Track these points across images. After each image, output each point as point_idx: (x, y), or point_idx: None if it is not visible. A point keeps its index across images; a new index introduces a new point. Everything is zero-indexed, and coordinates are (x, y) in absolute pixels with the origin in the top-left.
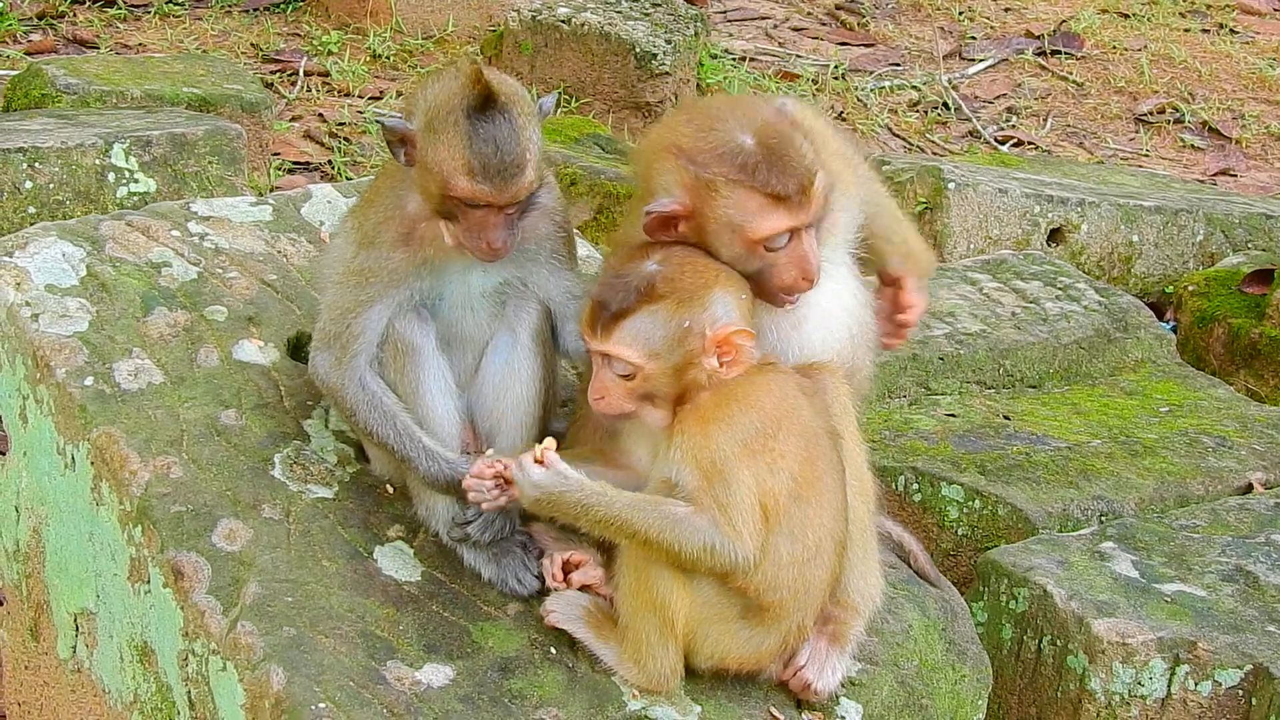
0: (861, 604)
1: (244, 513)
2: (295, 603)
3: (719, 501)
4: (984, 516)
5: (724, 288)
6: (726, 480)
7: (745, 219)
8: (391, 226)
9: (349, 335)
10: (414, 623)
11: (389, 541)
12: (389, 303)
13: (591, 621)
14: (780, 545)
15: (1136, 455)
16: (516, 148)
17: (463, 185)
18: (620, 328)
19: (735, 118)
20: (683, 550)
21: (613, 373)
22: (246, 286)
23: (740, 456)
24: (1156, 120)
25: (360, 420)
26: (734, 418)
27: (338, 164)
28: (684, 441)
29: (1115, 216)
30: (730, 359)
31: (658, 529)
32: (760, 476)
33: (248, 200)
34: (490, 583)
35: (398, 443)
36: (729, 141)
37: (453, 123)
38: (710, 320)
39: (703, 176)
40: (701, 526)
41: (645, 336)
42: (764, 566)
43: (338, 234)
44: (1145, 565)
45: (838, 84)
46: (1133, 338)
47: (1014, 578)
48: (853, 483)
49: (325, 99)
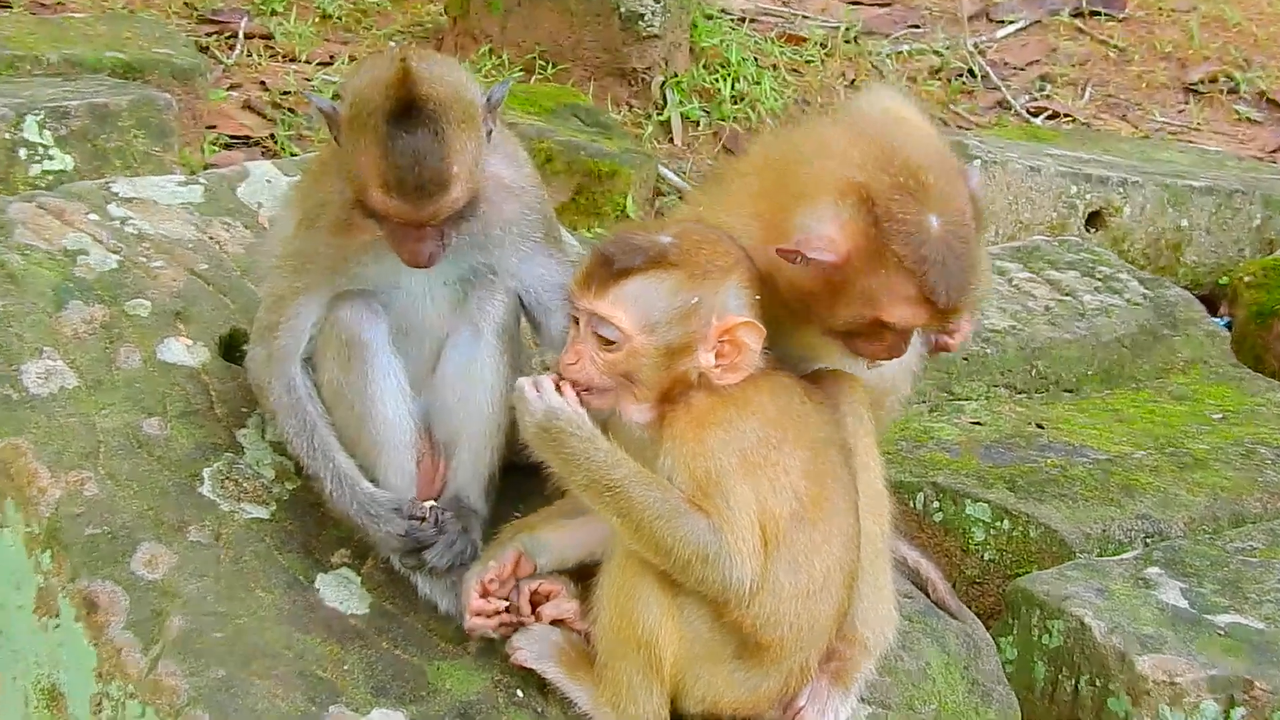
0: (871, 639)
1: (168, 535)
2: (225, 639)
3: (719, 512)
4: (1014, 539)
5: (740, 277)
6: (725, 494)
7: (889, 303)
8: (331, 210)
9: (280, 326)
10: (361, 662)
11: (333, 568)
12: (326, 291)
13: (564, 660)
14: (781, 575)
15: (1186, 468)
16: (439, 163)
17: (376, 198)
18: (620, 286)
19: (934, 184)
20: (676, 548)
21: (595, 338)
22: (174, 278)
23: (738, 469)
24: (1208, 90)
25: (279, 424)
26: (732, 423)
27: (281, 138)
28: (676, 447)
29: (1162, 198)
30: (730, 360)
31: (655, 512)
32: (761, 494)
33: (176, 180)
34: (449, 615)
35: (310, 458)
36: (920, 221)
37: (371, 127)
38: (720, 306)
39: (879, 246)
40: (702, 528)
41: (645, 303)
42: (762, 598)
43: (279, 213)
44: (1196, 594)
45: (849, 48)
46: (1182, 335)
47: (1047, 608)
48: (865, 501)
49: (268, 64)
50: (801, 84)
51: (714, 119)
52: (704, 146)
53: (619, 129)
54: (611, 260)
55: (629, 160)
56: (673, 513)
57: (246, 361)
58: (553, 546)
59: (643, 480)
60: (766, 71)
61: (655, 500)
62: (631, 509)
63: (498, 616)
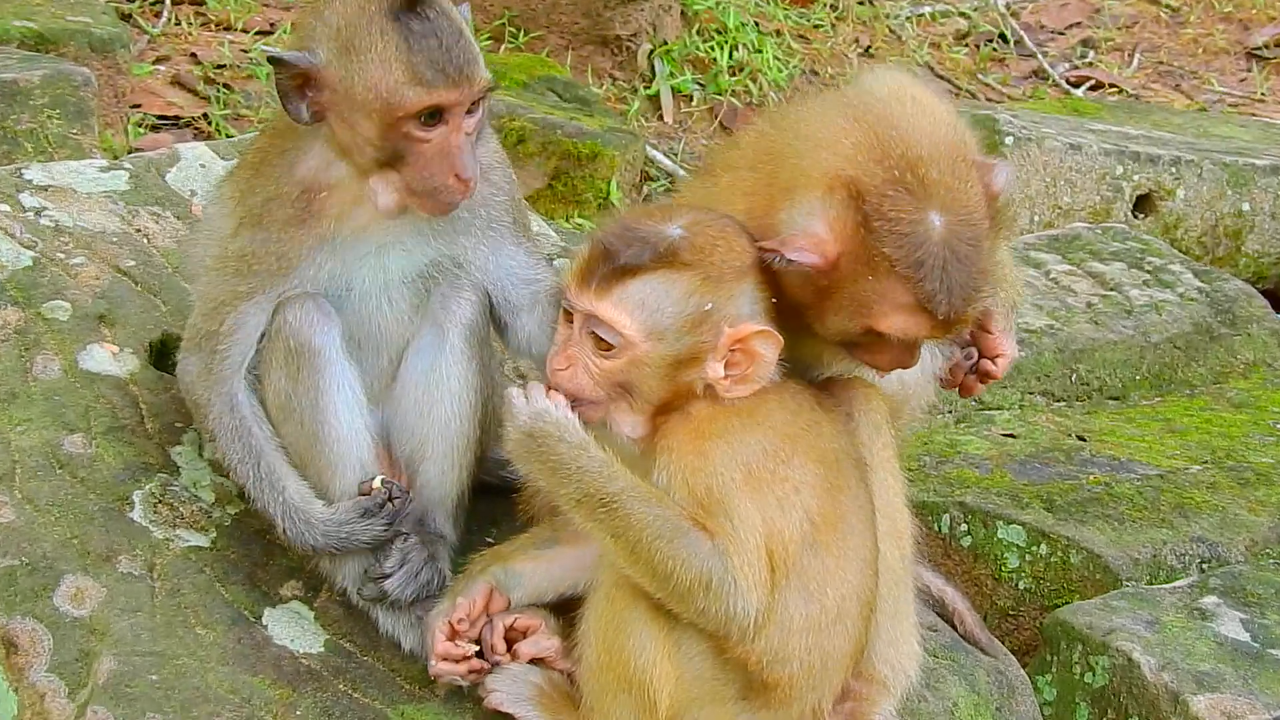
0: (891, 677)
1: (95, 567)
2: (162, 682)
3: (724, 533)
4: (1052, 565)
5: (756, 279)
6: (729, 513)
7: (882, 312)
8: (284, 201)
9: (221, 336)
10: (315, 706)
11: (283, 602)
12: (273, 296)
13: (544, 702)
14: (791, 605)
15: (1247, 484)
16: (462, 37)
17: (415, 96)
18: (625, 286)
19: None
20: (676, 573)
21: (591, 342)
22: (96, 276)
23: (743, 485)
24: (1273, 55)
25: (220, 448)
26: (735, 435)
27: (215, 118)
28: (673, 461)
29: (1220, 179)
30: (741, 371)
31: (655, 532)
32: (768, 514)
33: (97, 165)
34: (413, 654)
35: (256, 488)
36: (917, 220)
37: (378, 32)
38: (734, 313)
39: (869, 247)
40: (705, 549)
41: (653, 307)
42: (769, 631)
43: (213, 206)
44: (1258, 625)
45: (863, 10)
46: (1242, 334)
47: (1091, 643)
48: (884, 522)
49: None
50: (809, 52)
51: (709, 93)
52: (698, 124)
53: (601, 105)
54: (615, 254)
55: (612, 140)
56: (674, 532)
57: (179, 372)
58: (529, 579)
59: (641, 495)
60: (769, 38)
61: (655, 518)
62: (628, 527)
63: (467, 661)
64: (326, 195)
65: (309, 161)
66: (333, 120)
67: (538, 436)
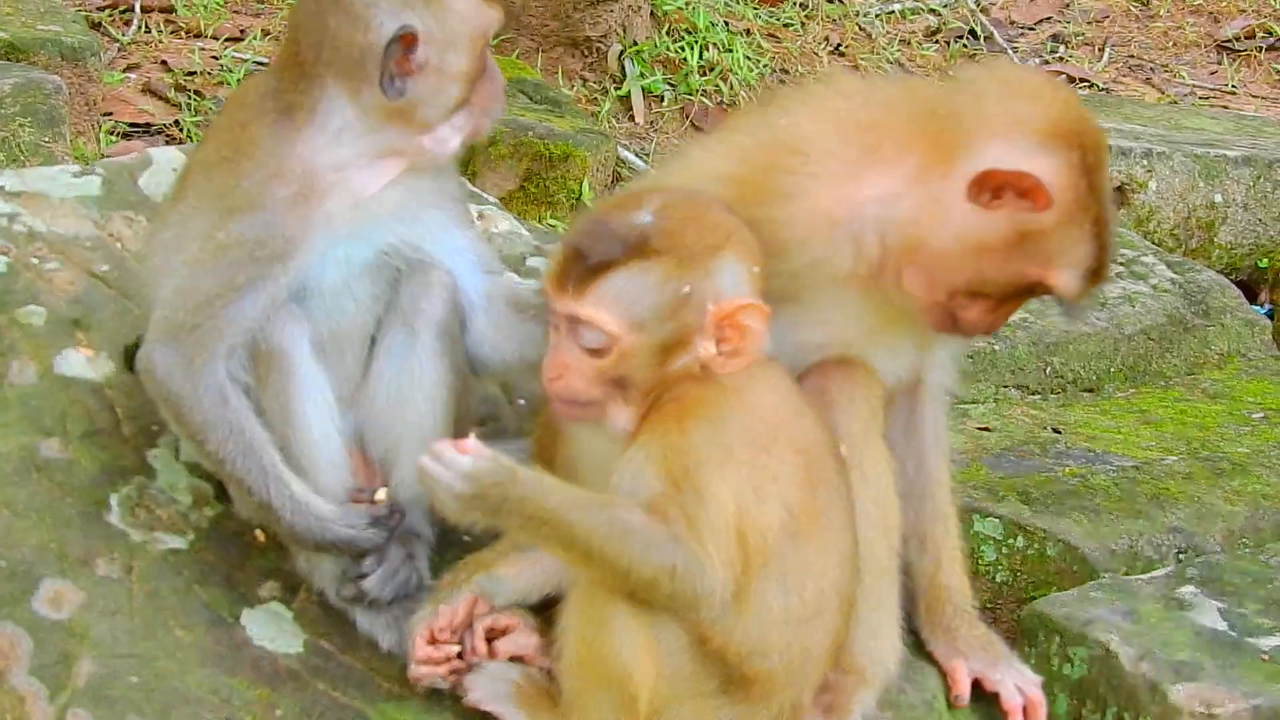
0: (871, 668)
1: (73, 570)
2: (142, 684)
3: (687, 514)
4: (1029, 558)
5: (735, 252)
6: (699, 490)
7: (1064, 264)
8: (287, 181)
9: (211, 330)
10: (295, 706)
11: (261, 603)
12: (273, 285)
13: (524, 700)
14: (770, 596)
15: (1223, 474)
16: None
17: (493, 14)
18: (599, 285)
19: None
20: (634, 570)
21: (579, 345)
22: (71, 281)
23: (720, 466)
24: (1244, 47)
25: (212, 446)
26: (720, 417)
27: (187, 125)
28: (654, 440)
29: (1192, 171)
30: (734, 346)
31: (604, 536)
32: (742, 499)
33: (70, 170)
34: (392, 653)
35: (260, 485)
36: (1110, 185)
37: None
38: (714, 291)
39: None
40: (661, 540)
41: (630, 300)
42: (747, 622)
43: (181, 200)
44: (1236, 615)
45: (832, 9)
46: (1216, 325)
47: (1068, 634)
48: (872, 510)
49: (170, 42)
50: (779, 51)
51: (680, 93)
52: (669, 124)
53: (572, 106)
54: (585, 253)
55: (584, 141)
56: (624, 532)
57: (146, 364)
58: (512, 583)
59: (584, 503)
60: (739, 38)
61: (602, 522)
62: (576, 538)
63: (448, 663)
64: (331, 173)
65: (315, 137)
66: (417, 81)
67: (475, 494)
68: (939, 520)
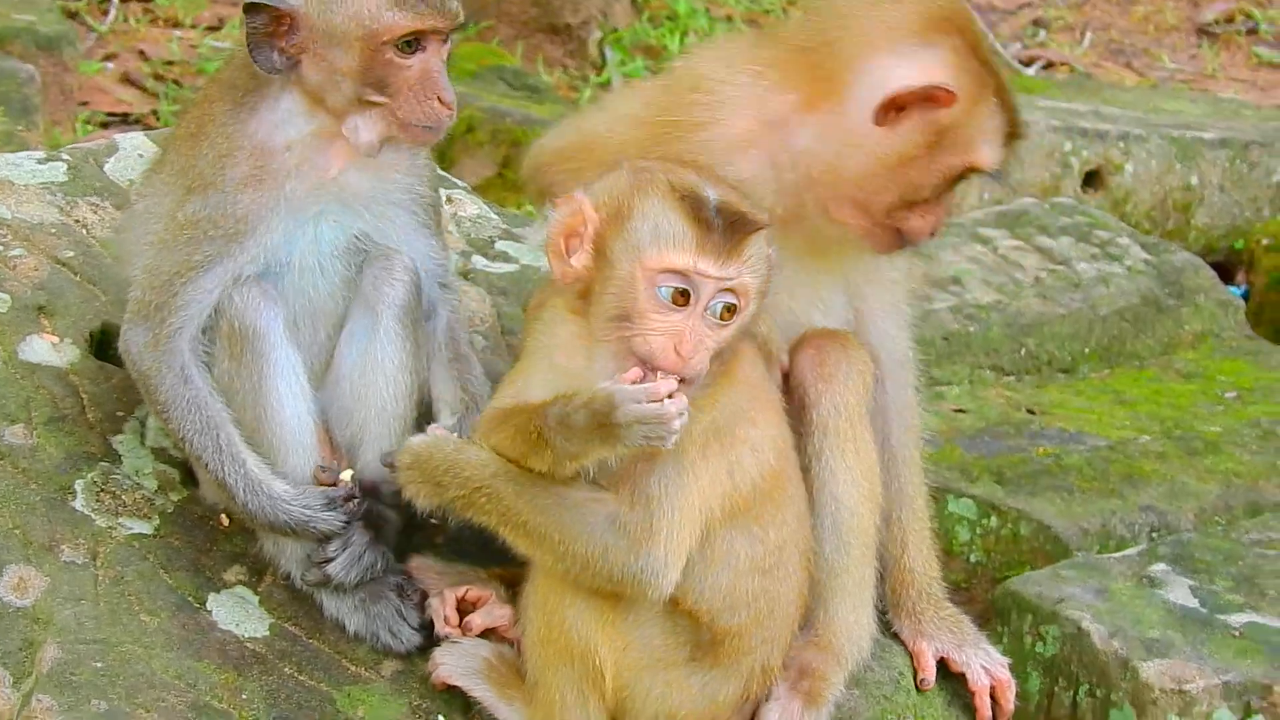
0: (848, 648)
1: (38, 556)
2: (107, 669)
3: (643, 492)
4: (1002, 538)
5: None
6: (668, 470)
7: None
8: (239, 160)
9: (172, 308)
10: (261, 690)
11: (227, 587)
12: (230, 264)
13: (492, 676)
14: (738, 546)
15: (1196, 454)
16: None
17: (399, 19)
18: (748, 249)
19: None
20: (567, 547)
21: (715, 314)
22: (35, 267)
23: (703, 446)
24: (1223, 31)
25: (174, 423)
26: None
27: (164, 114)
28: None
29: (1169, 153)
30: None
31: (538, 509)
32: (716, 474)
33: (35, 157)
34: (358, 636)
35: (215, 462)
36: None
37: None
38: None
39: (983, 77)
40: (598, 520)
41: (764, 262)
42: (717, 573)
43: (149, 184)
44: (1207, 592)
45: None
46: (1190, 305)
47: (1041, 613)
48: (863, 484)
49: (147, 31)
50: None
51: None
52: None
53: (551, 93)
54: (739, 223)
55: None
56: (561, 507)
57: (123, 343)
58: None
59: (523, 478)
60: (720, 24)
61: (537, 496)
62: (511, 512)
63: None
64: (286, 153)
65: (267, 116)
66: (307, 64)
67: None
68: (905, 502)
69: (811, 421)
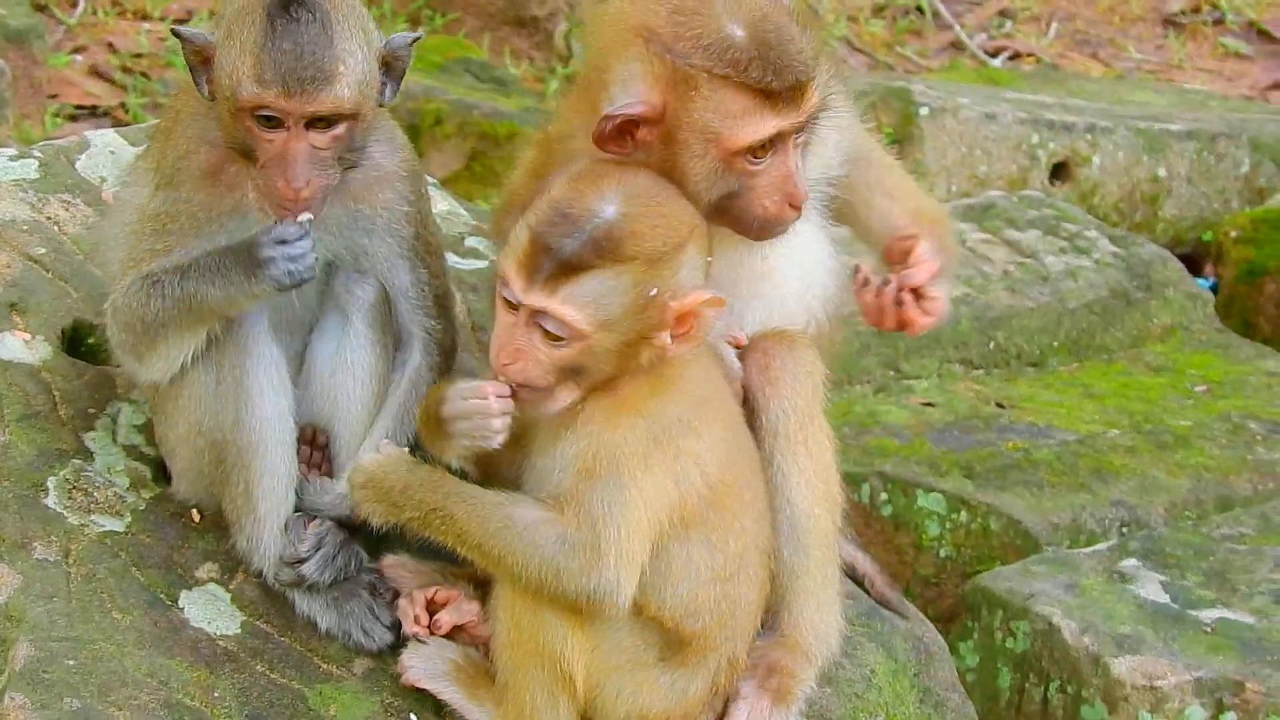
0: (815, 646)
1: (10, 554)
2: (79, 666)
3: (588, 511)
4: (972, 532)
5: (695, 246)
6: (610, 485)
7: (726, 123)
8: (195, 160)
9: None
10: (233, 688)
11: (199, 585)
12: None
13: (461, 678)
14: (697, 558)
15: (1166, 448)
16: (324, 51)
17: (247, 92)
18: (571, 285)
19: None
20: (520, 569)
21: (538, 334)
22: (7, 264)
23: (644, 460)
24: (1189, 21)
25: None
26: (652, 407)
27: (133, 107)
28: (586, 434)
29: (1136, 145)
30: (689, 334)
31: (489, 532)
32: (662, 486)
33: (6, 154)
34: (330, 635)
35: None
36: (716, 29)
37: (250, 23)
38: (678, 287)
39: (681, 69)
40: (547, 541)
41: (602, 302)
42: (677, 585)
43: (129, 181)
44: (1178, 587)
45: None
46: (1159, 298)
47: (1011, 609)
48: (818, 484)
49: (116, 24)
50: None
51: None
52: None
53: (518, 85)
54: (555, 250)
55: (529, 120)
56: (508, 529)
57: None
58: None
59: (473, 497)
60: None
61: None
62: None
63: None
64: (238, 166)
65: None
66: (215, 94)
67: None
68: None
69: (762, 426)
